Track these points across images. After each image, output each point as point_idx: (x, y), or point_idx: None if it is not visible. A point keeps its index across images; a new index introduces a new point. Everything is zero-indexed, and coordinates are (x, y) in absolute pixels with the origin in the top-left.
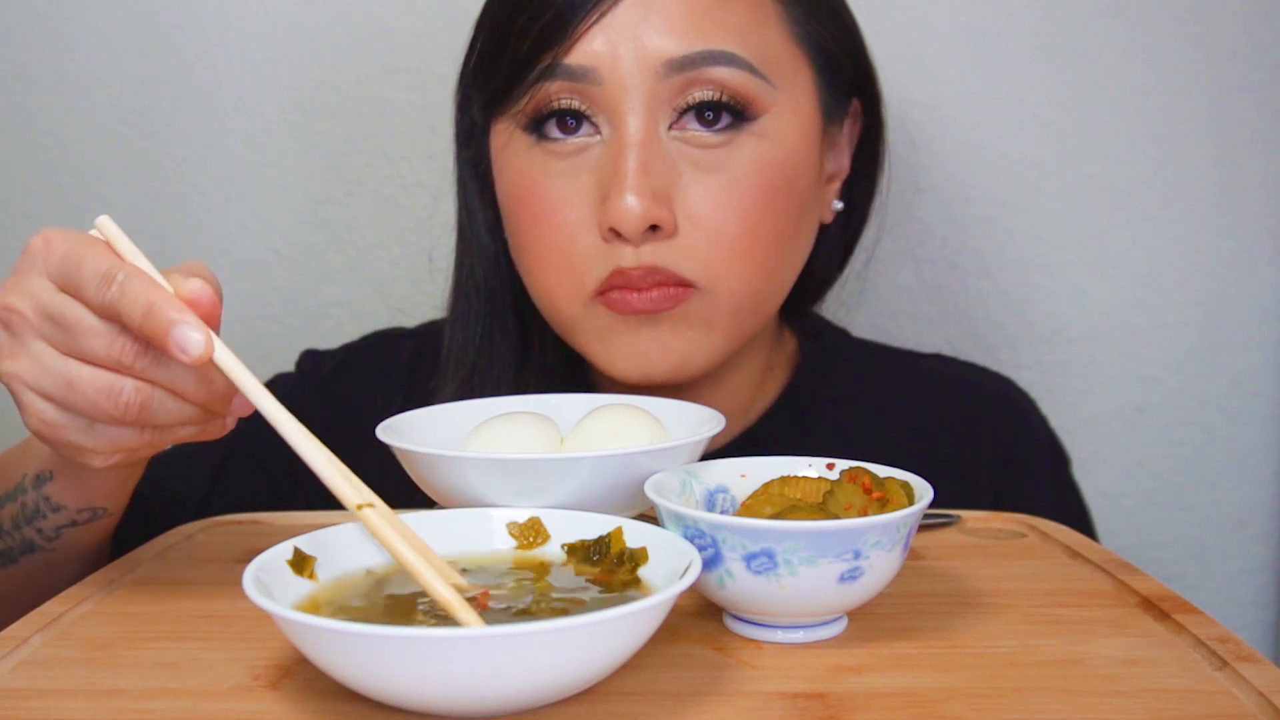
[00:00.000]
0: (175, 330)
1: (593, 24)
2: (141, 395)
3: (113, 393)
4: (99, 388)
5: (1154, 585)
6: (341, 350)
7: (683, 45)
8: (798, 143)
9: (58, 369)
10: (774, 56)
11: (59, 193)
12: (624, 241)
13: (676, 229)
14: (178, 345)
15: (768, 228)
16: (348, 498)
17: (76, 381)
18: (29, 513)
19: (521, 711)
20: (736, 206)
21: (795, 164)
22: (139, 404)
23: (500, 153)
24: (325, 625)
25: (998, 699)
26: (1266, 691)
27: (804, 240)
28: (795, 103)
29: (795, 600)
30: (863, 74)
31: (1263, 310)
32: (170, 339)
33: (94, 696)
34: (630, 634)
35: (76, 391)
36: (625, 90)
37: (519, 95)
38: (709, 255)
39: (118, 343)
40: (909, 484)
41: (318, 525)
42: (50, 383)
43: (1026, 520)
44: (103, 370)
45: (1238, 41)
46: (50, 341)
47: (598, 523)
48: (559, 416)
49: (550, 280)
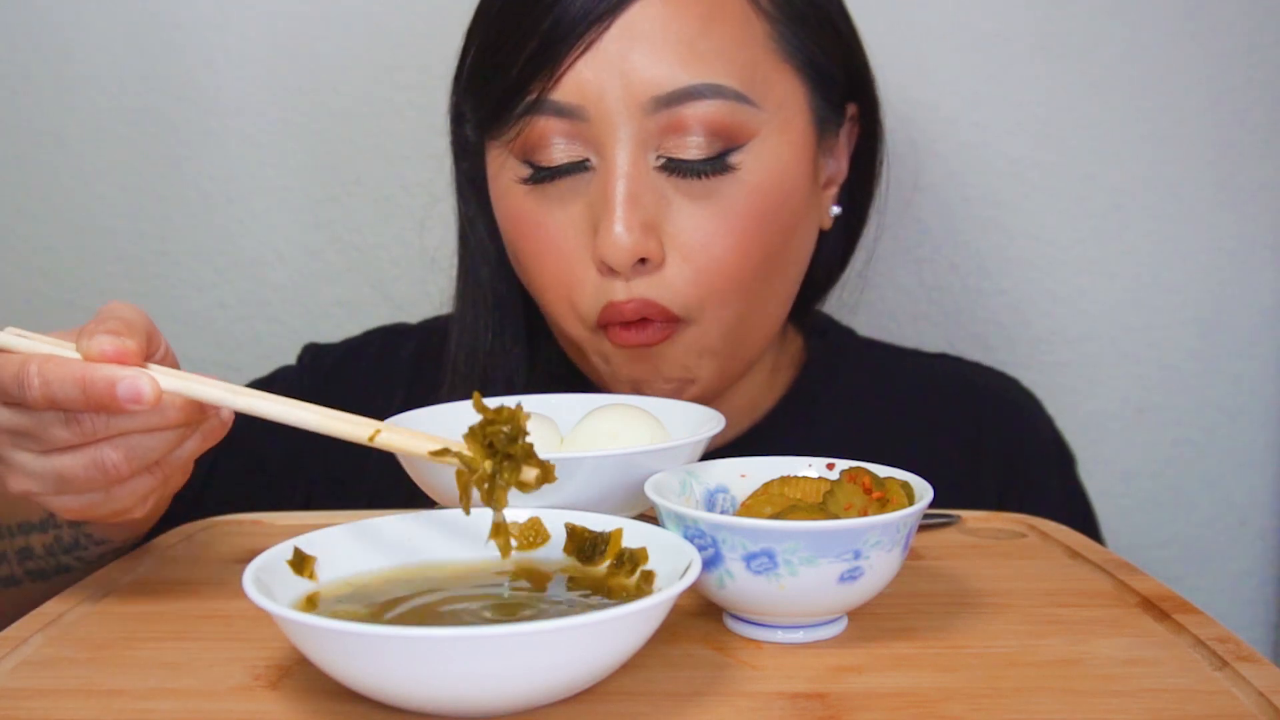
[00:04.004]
0: (119, 389)
1: (578, 56)
2: (121, 451)
3: (97, 464)
4: (84, 465)
5: (1154, 585)
6: (343, 345)
7: (669, 80)
8: (789, 161)
9: (46, 470)
10: (761, 78)
11: (59, 193)
12: (615, 275)
13: (664, 260)
14: (130, 400)
15: (758, 251)
16: (357, 435)
17: (64, 471)
18: (65, 545)
19: (521, 711)
20: (726, 234)
21: (787, 183)
22: (125, 460)
23: (495, 178)
24: (325, 625)
25: (998, 699)
26: (1266, 691)
27: (800, 254)
28: (786, 121)
29: (795, 600)
30: (858, 79)
31: (1263, 310)
32: (119, 400)
33: (94, 696)
34: (630, 634)
35: (69, 480)
36: (612, 126)
37: (508, 126)
38: (697, 287)
39: (76, 422)
40: (909, 484)
41: (318, 525)
42: (50, 483)
43: (1026, 520)
44: (81, 449)
45: (1238, 41)
46: (27, 449)
47: (598, 523)
48: (559, 416)
49: (556, 308)
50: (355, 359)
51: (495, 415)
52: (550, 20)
